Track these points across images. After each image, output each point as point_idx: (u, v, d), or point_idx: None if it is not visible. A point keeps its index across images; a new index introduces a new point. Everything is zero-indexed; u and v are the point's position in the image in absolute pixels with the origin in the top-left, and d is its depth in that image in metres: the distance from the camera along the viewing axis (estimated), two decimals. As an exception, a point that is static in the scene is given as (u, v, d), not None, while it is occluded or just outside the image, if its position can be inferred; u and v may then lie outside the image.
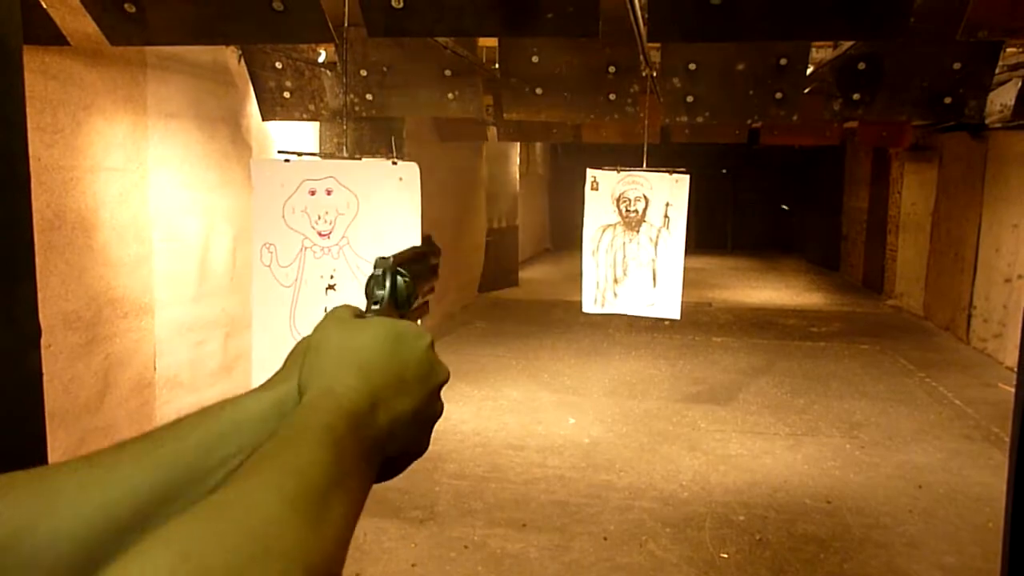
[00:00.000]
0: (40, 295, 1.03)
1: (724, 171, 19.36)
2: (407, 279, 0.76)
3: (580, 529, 4.58)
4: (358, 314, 0.70)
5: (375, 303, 0.74)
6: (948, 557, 4.34)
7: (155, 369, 4.94)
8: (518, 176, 14.60)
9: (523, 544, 4.38)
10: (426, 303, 0.83)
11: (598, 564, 4.19)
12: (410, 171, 3.28)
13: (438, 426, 0.68)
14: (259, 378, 3.52)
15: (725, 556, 4.29)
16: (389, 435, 0.61)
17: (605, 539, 4.46)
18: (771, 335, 10.00)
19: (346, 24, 3.48)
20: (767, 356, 8.79)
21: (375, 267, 0.76)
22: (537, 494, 5.05)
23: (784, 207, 19.26)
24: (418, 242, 0.85)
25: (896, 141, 9.52)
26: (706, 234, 18.96)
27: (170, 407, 5.08)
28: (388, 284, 0.75)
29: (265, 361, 3.47)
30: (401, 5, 2.71)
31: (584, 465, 5.56)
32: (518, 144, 14.51)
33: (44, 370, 1.13)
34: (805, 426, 6.43)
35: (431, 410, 0.67)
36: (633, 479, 5.31)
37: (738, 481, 5.30)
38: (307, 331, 0.66)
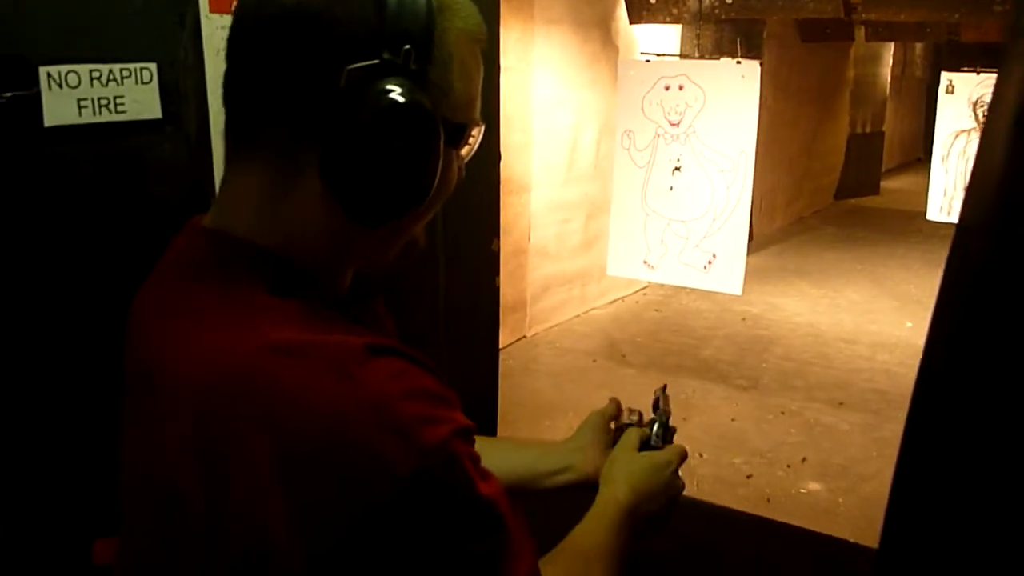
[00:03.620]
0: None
1: None
2: (669, 430, 1.17)
3: (896, 415, 4.83)
4: (643, 439, 1.14)
5: (651, 439, 1.14)
6: None
7: (529, 239, 5.91)
8: (890, 79, 13.86)
9: (836, 419, 4.77)
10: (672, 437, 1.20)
11: (909, 446, 4.47)
12: (751, 70, 3.72)
13: (771, 314, 1.09)
14: (616, 245, 4.25)
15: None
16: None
17: (921, 427, 4.69)
18: None
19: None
20: None
21: (659, 417, 1.16)
22: (859, 381, 5.34)
23: None
24: (752, 143, 1.27)
25: None
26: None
27: (538, 272, 6.05)
28: (662, 431, 1.15)
29: (621, 229, 4.19)
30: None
31: (914, 363, 5.60)
32: (892, 45, 13.71)
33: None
34: None
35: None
36: (963, 381, 5.38)
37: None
38: (656, 206, 1.18)
